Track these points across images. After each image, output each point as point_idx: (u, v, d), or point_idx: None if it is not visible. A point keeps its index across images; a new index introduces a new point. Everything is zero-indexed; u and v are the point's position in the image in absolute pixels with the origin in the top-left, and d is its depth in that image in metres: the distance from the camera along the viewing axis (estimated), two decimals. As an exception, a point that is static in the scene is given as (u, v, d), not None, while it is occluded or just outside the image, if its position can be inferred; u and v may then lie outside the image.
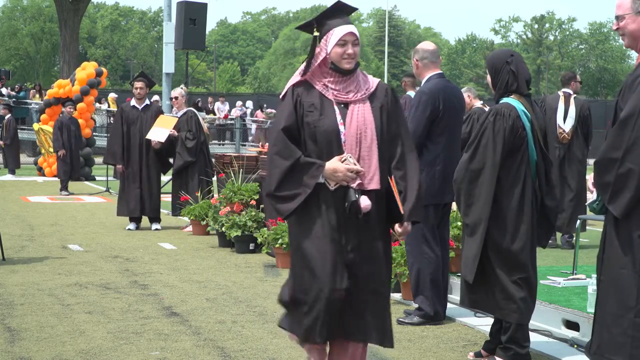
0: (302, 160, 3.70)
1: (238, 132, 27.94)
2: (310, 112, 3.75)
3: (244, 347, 5.02)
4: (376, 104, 3.80)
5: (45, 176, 19.84)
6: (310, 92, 3.79)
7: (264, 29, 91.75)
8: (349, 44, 3.74)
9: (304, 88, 3.81)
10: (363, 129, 3.72)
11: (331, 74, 3.78)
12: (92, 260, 8.16)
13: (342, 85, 3.78)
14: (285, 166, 3.69)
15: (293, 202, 3.70)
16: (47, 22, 65.12)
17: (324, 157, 3.71)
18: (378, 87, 3.86)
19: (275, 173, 3.71)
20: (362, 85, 3.81)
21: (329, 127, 3.72)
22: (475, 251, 4.57)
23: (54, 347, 4.92)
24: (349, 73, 3.78)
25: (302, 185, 3.69)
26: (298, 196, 3.69)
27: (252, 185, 9.04)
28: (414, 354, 4.96)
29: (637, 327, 3.53)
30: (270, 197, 3.75)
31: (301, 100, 3.77)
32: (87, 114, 20.14)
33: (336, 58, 3.75)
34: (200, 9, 23.99)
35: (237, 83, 78.13)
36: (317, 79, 3.81)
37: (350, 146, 3.72)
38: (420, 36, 77.06)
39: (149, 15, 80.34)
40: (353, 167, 3.67)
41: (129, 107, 10.87)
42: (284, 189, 3.70)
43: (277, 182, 3.71)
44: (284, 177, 3.69)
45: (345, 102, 3.76)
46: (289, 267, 8.06)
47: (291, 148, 3.71)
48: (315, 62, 3.81)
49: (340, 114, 3.74)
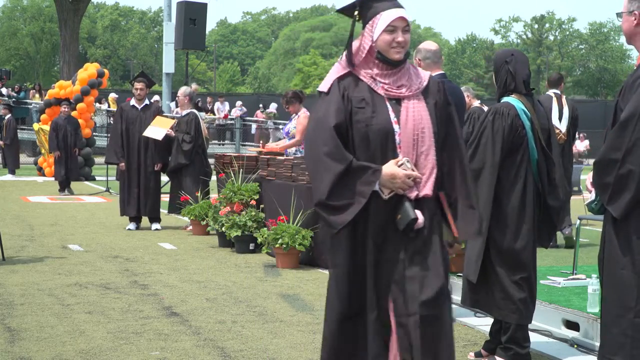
0: (355, 164, 3.20)
1: (238, 132, 27.93)
2: (360, 109, 3.26)
3: (244, 347, 5.02)
4: (430, 101, 3.34)
5: (45, 176, 19.84)
6: (358, 85, 3.30)
7: (264, 29, 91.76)
8: (399, 31, 3.26)
9: (350, 81, 3.31)
10: (420, 129, 3.26)
11: (378, 65, 3.30)
12: (92, 260, 8.16)
13: (392, 79, 3.30)
14: (338, 170, 3.17)
15: (346, 213, 3.19)
16: (47, 22, 65.13)
17: (377, 162, 3.22)
18: (430, 81, 3.40)
19: (326, 178, 3.19)
20: (414, 79, 3.34)
21: (382, 126, 3.24)
22: (477, 251, 4.57)
23: (54, 347, 4.92)
24: (398, 64, 3.30)
25: (357, 194, 3.19)
26: (351, 206, 3.19)
27: (252, 185, 9.04)
28: (414, 354, 4.95)
29: (636, 328, 3.53)
30: (321, 206, 3.23)
31: (349, 94, 3.28)
32: (87, 114, 20.14)
33: (383, 47, 3.26)
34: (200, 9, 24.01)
35: (237, 83, 78.13)
36: (363, 70, 3.33)
37: (406, 149, 3.24)
38: (420, 36, 77.00)
39: (149, 15, 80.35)
40: (412, 173, 3.20)
41: (129, 106, 10.89)
42: (336, 198, 3.19)
43: (329, 188, 3.19)
44: (337, 183, 3.18)
45: (397, 98, 3.29)
46: (288, 267, 8.01)
47: (342, 150, 3.21)
48: (359, 51, 3.33)
49: (393, 111, 3.27)
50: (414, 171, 3.22)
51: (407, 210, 3.19)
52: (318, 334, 5.33)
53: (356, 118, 3.25)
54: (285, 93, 9.92)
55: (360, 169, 3.20)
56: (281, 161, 8.70)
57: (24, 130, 24.58)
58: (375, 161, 3.22)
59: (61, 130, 15.85)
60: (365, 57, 3.32)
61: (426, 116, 3.29)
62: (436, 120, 3.32)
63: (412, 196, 3.22)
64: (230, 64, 79.81)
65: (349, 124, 3.26)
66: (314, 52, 67.13)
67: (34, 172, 20.80)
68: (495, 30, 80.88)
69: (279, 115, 29.40)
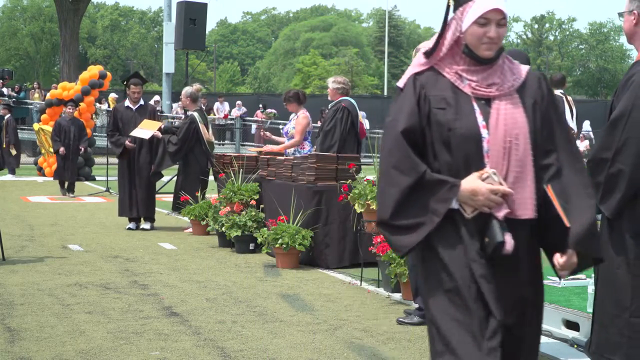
0: (428, 176, 2.74)
1: (238, 132, 27.92)
2: (441, 110, 2.79)
3: (244, 347, 5.02)
4: (528, 100, 2.82)
5: (45, 176, 19.84)
6: (439, 82, 2.84)
7: (264, 29, 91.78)
8: (492, 24, 2.77)
9: (430, 77, 2.86)
10: (513, 135, 2.75)
11: (464, 60, 2.83)
12: (92, 260, 8.17)
13: (480, 75, 2.81)
14: (406, 184, 2.74)
15: (414, 234, 2.75)
16: (47, 22, 65.17)
17: (461, 173, 2.75)
18: (528, 77, 2.87)
19: (391, 193, 2.76)
20: (507, 76, 2.84)
21: (467, 131, 2.75)
22: None
23: (54, 347, 4.92)
24: (487, 62, 2.82)
25: (429, 212, 2.74)
26: (421, 226, 2.75)
27: (252, 185, 9.04)
28: (414, 354, 4.96)
29: (632, 327, 3.54)
30: (383, 226, 2.82)
31: (426, 93, 2.82)
32: (88, 114, 20.14)
33: (472, 41, 2.79)
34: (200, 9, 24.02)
35: (237, 83, 78.17)
36: (447, 64, 2.86)
37: (495, 158, 2.75)
38: (420, 36, 77.04)
39: (149, 15, 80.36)
40: (498, 188, 2.71)
41: (123, 107, 10.83)
42: (403, 216, 2.76)
43: (394, 206, 2.76)
44: (404, 199, 2.75)
45: (486, 98, 2.80)
46: (288, 267, 7.99)
47: (413, 159, 2.76)
48: (444, 42, 2.85)
49: (481, 113, 2.78)
50: (502, 185, 2.71)
51: (494, 232, 2.71)
52: (318, 334, 5.34)
53: (436, 120, 2.78)
54: (288, 91, 9.91)
55: (435, 183, 2.74)
56: (281, 161, 8.70)
57: (24, 130, 24.57)
58: (459, 172, 2.75)
59: (65, 131, 15.83)
60: (450, 49, 2.85)
61: (521, 119, 2.77)
62: (535, 124, 2.80)
63: (501, 215, 2.73)
64: (230, 64, 79.84)
65: (426, 128, 2.80)
66: (314, 52, 67.13)
67: (34, 172, 20.80)
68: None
69: (279, 115, 29.41)
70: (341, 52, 67.78)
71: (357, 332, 5.45)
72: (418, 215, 2.75)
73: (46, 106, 20.17)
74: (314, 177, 7.99)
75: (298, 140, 9.35)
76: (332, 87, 8.88)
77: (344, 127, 8.65)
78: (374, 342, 5.20)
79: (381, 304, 6.35)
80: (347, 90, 8.95)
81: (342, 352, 4.94)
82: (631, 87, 3.60)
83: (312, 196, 7.96)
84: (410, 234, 2.76)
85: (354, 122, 8.72)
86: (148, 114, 10.72)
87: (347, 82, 9.11)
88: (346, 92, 8.91)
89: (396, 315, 5.91)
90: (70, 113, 16.10)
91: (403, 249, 2.80)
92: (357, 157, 8.51)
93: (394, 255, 6.28)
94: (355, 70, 62.73)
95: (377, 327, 5.60)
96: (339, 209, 7.86)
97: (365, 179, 6.87)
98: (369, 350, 5.01)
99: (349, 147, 8.65)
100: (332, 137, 8.64)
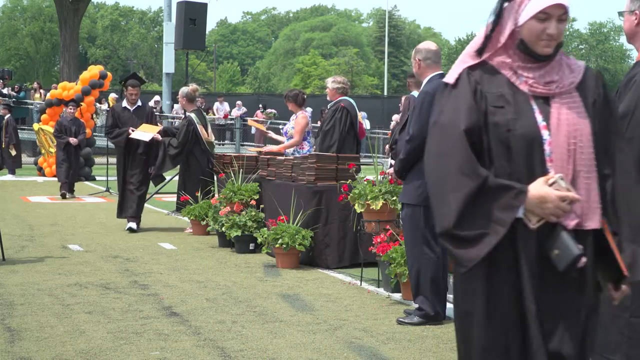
0: (492, 182, 2.47)
1: (238, 132, 27.93)
2: (499, 109, 2.53)
3: (244, 347, 5.02)
4: (588, 99, 2.60)
5: (45, 176, 19.84)
6: (495, 78, 2.58)
7: (264, 29, 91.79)
8: (553, 20, 2.53)
9: (485, 72, 2.59)
10: (578, 137, 2.52)
11: (519, 56, 2.59)
12: (92, 260, 8.17)
13: (537, 73, 2.57)
14: (470, 189, 2.47)
15: (479, 246, 2.47)
16: (47, 22, 65.19)
17: (521, 179, 2.50)
18: (586, 74, 2.64)
19: (454, 199, 2.48)
20: (566, 73, 2.60)
21: (527, 132, 2.50)
22: None
23: (54, 347, 4.92)
24: (545, 59, 2.58)
25: (493, 222, 2.46)
26: (485, 237, 2.46)
27: (252, 185, 9.05)
28: (414, 354, 4.96)
29: (632, 327, 3.55)
30: (446, 237, 2.52)
31: (482, 89, 2.56)
32: (88, 114, 20.14)
33: (530, 37, 2.54)
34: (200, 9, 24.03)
35: (237, 83, 78.17)
36: (500, 59, 2.61)
37: (559, 162, 2.50)
38: (420, 36, 77.05)
39: (149, 15, 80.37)
40: (567, 194, 2.45)
41: (120, 108, 10.75)
42: (466, 226, 2.48)
43: (458, 213, 2.48)
44: (468, 206, 2.48)
45: (544, 96, 2.57)
46: (288, 267, 7.98)
47: (475, 163, 2.49)
48: (497, 35, 2.60)
49: (540, 112, 2.54)
50: (570, 191, 2.46)
51: (567, 244, 2.43)
52: (318, 334, 5.34)
53: (494, 120, 2.52)
54: (290, 90, 9.89)
55: (500, 189, 2.46)
56: (281, 161, 8.71)
57: (24, 130, 24.57)
58: (520, 178, 2.50)
59: (67, 131, 15.83)
60: (505, 43, 2.60)
61: (584, 120, 2.54)
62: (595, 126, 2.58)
63: (571, 225, 2.48)
64: (230, 64, 79.84)
65: (483, 128, 2.53)
66: (314, 52, 67.16)
67: (34, 172, 20.80)
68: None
69: (279, 115, 29.41)
70: (341, 52, 67.79)
71: (357, 332, 5.45)
72: (481, 225, 2.47)
73: (46, 106, 20.18)
74: (314, 177, 7.99)
75: (297, 140, 9.35)
76: (331, 87, 8.88)
77: (343, 127, 8.64)
78: (374, 342, 5.20)
79: (381, 304, 6.36)
80: (347, 90, 8.95)
81: (342, 352, 4.94)
82: (633, 87, 3.60)
83: (312, 196, 7.96)
84: (474, 247, 2.47)
85: (353, 122, 8.72)
86: (146, 115, 10.67)
87: (346, 82, 9.11)
88: (345, 92, 8.91)
89: (396, 315, 5.91)
90: (71, 113, 16.10)
91: (468, 264, 2.50)
92: (357, 157, 8.51)
93: (394, 255, 6.28)
94: (355, 70, 62.73)
95: (377, 327, 5.60)
96: (339, 209, 7.86)
97: (365, 179, 6.87)
98: (369, 350, 5.02)
99: (348, 147, 8.65)
100: (331, 137, 8.64)
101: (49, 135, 18.80)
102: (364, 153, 20.19)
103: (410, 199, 5.69)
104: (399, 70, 73.04)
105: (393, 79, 70.91)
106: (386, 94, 53.53)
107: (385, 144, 21.47)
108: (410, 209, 5.71)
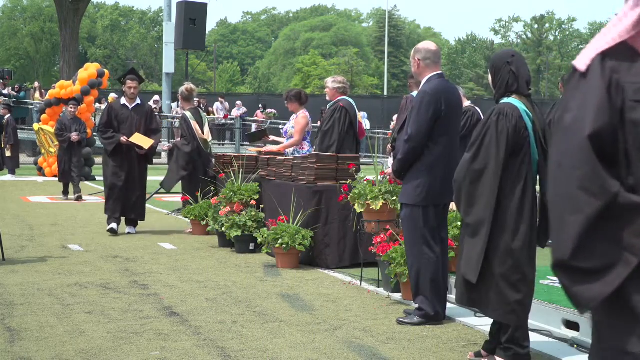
0: (624, 198, 1.98)
1: (238, 132, 27.93)
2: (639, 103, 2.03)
3: (244, 347, 5.02)
4: None
5: (45, 176, 19.84)
6: (636, 64, 2.05)
7: (264, 29, 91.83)
8: None
9: (623, 56, 2.06)
10: None
11: None
12: (92, 260, 8.17)
13: None
14: (594, 210, 1.99)
15: (603, 281, 1.99)
16: (47, 22, 65.23)
17: None
18: None
19: (573, 223, 2.01)
20: None
21: None
22: (479, 251, 4.55)
23: (54, 347, 4.92)
24: None
25: (623, 249, 1.98)
26: (612, 270, 1.98)
27: (252, 185, 9.05)
28: (414, 354, 4.96)
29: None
30: (561, 269, 2.08)
31: (619, 79, 2.04)
32: (87, 114, 20.14)
33: None
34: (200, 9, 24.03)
35: (237, 83, 78.21)
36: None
37: None
38: (420, 36, 77.07)
39: (149, 15, 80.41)
40: None
41: (119, 105, 10.37)
42: (588, 255, 2.01)
43: (577, 241, 2.01)
44: (590, 231, 2.00)
45: None
46: (288, 267, 7.99)
47: (602, 175, 2.00)
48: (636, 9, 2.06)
49: None
50: None
51: None
52: (318, 334, 5.34)
53: (633, 118, 2.02)
54: (290, 90, 9.87)
55: (633, 208, 1.97)
56: (281, 161, 8.71)
57: (24, 130, 24.57)
58: None
59: (68, 129, 15.80)
60: None
61: None
62: None
63: None
64: (230, 64, 79.89)
65: (619, 128, 2.03)
66: (314, 52, 67.19)
67: (34, 172, 20.79)
68: (495, 30, 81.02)
69: (279, 115, 29.41)
70: (341, 52, 67.84)
71: (357, 332, 5.45)
72: (608, 254, 1.98)
73: (46, 106, 20.18)
74: (314, 177, 7.99)
75: (297, 140, 9.35)
76: (331, 87, 8.88)
77: (342, 127, 8.64)
78: (374, 342, 5.20)
79: (381, 304, 6.36)
80: (346, 90, 8.96)
81: (342, 352, 4.94)
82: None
83: (312, 196, 7.96)
84: (597, 281, 2.00)
85: (353, 122, 8.72)
86: (145, 114, 10.35)
87: (346, 82, 9.11)
88: (345, 91, 8.91)
89: (396, 315, 5.91)
90: (72, 112, 16.09)
91: (589, 303, 2.03)
92: (357, 157, 8.51)
93: (394, 256, 6.28)
94: (355, 70, 62.78)
95: (377, 327, 5.60)
96: (339, 209, 7.86)
97: (365, 179, 6.87)
98: (369, 350, 5.01)
99: (347, 147, 8.65)
100: (331, 137, 8.64)
101: (49, 135, 18.79)
102: (364, 153, 20.19)
103: (409, 199, 5.68)
104: (399, 70, 73.07)
105: (393, 79, 70.94)
106: (386, 94, 53.56)
107: (386, 144, 21.45)
108: (409, 209, 5.71)
